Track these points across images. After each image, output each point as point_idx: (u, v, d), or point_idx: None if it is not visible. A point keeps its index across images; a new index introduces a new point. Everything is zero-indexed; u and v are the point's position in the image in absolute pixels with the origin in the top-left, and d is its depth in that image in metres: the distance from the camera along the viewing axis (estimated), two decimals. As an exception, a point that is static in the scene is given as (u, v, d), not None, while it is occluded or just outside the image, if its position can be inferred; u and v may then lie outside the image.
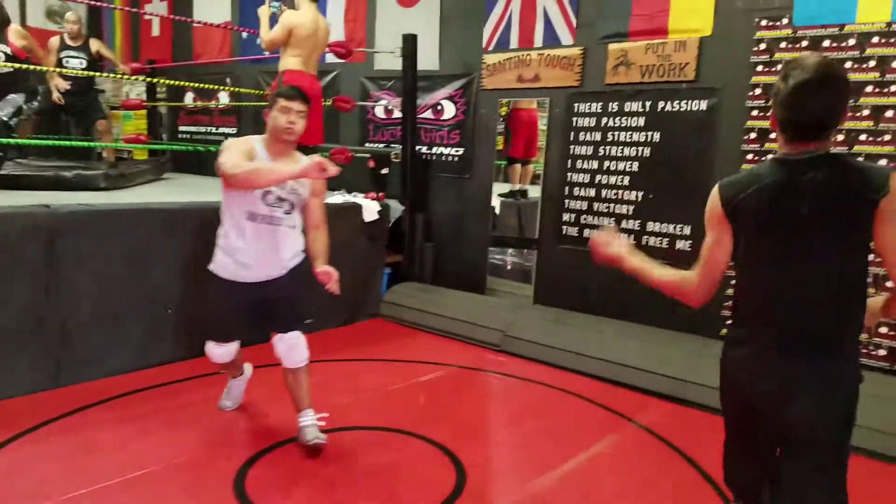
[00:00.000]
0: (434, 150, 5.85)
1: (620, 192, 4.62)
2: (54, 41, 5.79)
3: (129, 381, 3.63)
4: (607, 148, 4.67)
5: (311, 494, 2.61)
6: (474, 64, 5.47)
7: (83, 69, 5.62)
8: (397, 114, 5.96)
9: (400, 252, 5.67)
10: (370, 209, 5.23)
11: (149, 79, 7.26)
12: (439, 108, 5.81)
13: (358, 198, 5.33)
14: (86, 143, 5.72)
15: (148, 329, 3.87)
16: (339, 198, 5.28)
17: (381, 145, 6.18)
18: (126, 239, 3.75)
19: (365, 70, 6.28)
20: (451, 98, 5.71)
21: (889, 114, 3.48)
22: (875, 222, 1.50)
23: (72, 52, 5.71)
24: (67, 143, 5.42)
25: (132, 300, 3.79)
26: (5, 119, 4.64)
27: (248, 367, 3.39)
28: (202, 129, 7.98)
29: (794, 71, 1.54)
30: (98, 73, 5.63)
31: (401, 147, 5.72)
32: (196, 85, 6.62)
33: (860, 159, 2.89)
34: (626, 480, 2.83)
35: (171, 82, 6.59)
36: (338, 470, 2.82)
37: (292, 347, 2.94)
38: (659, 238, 4.43)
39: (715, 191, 1.71)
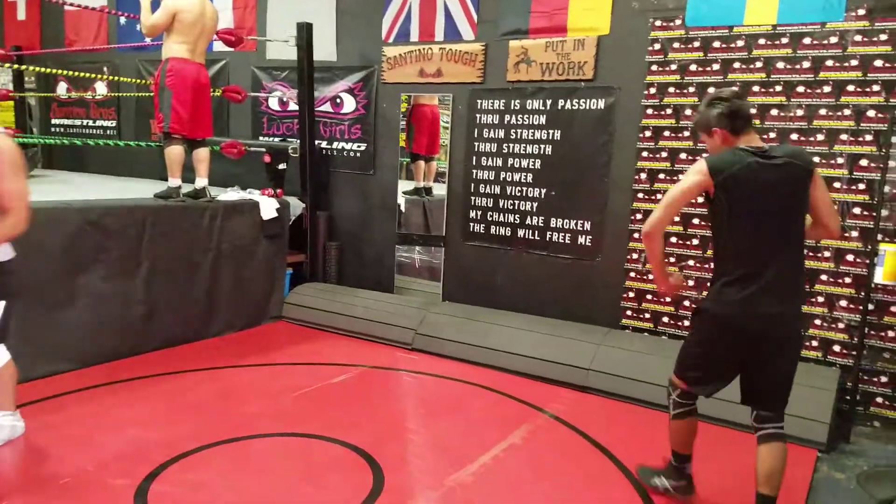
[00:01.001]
0: (335, 144, 5.68)
1: (524, 188, 4.69)
2: None
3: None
4: (511, 145, 4.73)
5: (218, 510, 2.43)
6: (374, 56, 5.36)
7: None
8: (293, 106, 5.73)
9: (302, 251, 5.46)
10: (268, 206, 4.98)
11: (15, 66, 6.53)
12: (338, 101, 5.64)
13: (254, 194, 5.06)
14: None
15: (23, 340, 3.45)
16: (233, 194, 4.98)
17: (277, 139, 5.92)
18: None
19: (256, 60, 5.99)
20: (350, 91, 5.56)
21: (773, 112, 3.75)
22: (811, 187, 2.23)
23: None
24: None
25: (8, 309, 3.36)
26: None
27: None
28: (78, 121, 7.29)
29: (723, 96, 2.34)
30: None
31: (298, 141, 5.51)
32: (70, 73, 6.02)
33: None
34: (539, 469, 2.87)
35: (42, 69, 5.96)
36: (250, 479, 2.65)
37: None
38: (562, 234, 4.54)
39: (703, 163, 2.27)
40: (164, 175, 4.60)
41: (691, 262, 4.04)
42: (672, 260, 4.06)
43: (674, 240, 4.06)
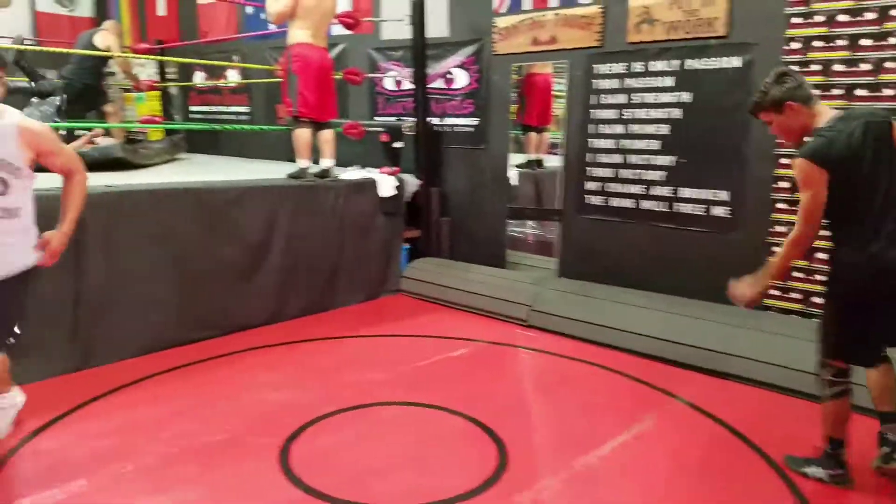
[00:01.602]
0: (446, 120, 5.69)
1: (649, 157, 4.45)
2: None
3: (159, 360, 3.60)
4: (633, 111, 4.50)
5: (355, 470, 2.55)
6: (485, 28, 5.27)
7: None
8: (407, 85, 5.80)
9: (417, 227, 5.56)
10: (386, 184, 5.11)
11: (158, 58, 7.12)
12: (450, 76, 5.63)
13: (373, 173, 5.20)
14: (104, 125, 5.67)
15: (173, 309, 3.81)
16: (353, 173, 5.16)
17: (392, 118, 6.03)
18: (152, 219, 3.71)
19: (372, 41, 6.09)
20: (462, 66, 5.52)
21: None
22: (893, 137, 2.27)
23: None
24: (98, 124, 5.38)
25: (157, 280, 3.74)
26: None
27: (18, 393, 2.77)
28: (213, 108, 7.83)
29: (785, 71, 2.41)
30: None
31: (413, 119, 5.57)
32: (205, 62, 6.47)
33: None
34: (676, 457, 2.71)
35: (181, 60, 6.42)
36: (379, 445, 2.76)
37: None
38: (694, 205, 4.26)
39: (806, 163, 2.25)
40: (291, 156, 4.84)
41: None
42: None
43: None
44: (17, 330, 2.44)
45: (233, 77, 7.43)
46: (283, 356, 3.81)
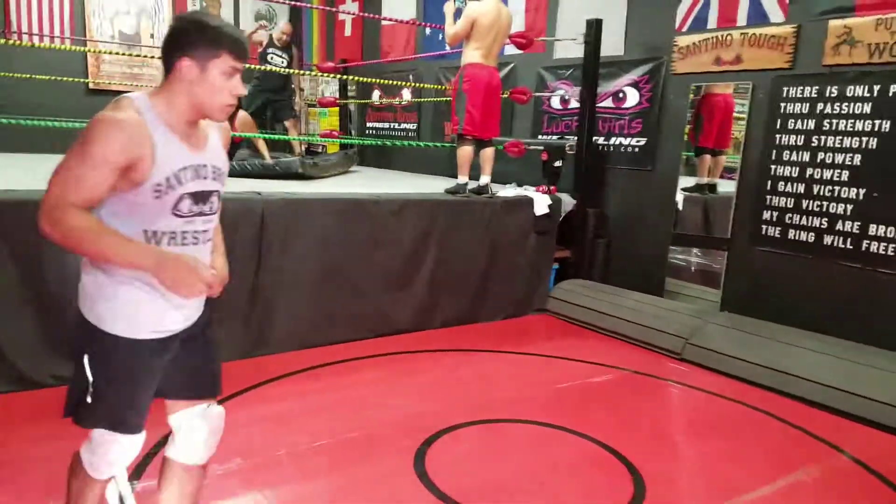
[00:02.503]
0: (612, 140, 5.55)
1: (837, 188, 4.00)
2: (261, 35, 6.48)
3: (313, 356, 3.88)
4: (823, 138, 4.07)
5: (485, 481, 2.57)
6: (664, 47, 5.08)
7: (284, 67, 6.21)
8: (574, 104, 5.75)
9: (568, 247, 5.48)
10: (541, 203, 5.10)
11: (341, 76, 7.77)
12: (620, 95, 5.50)
13: (529, 191, 5.23)
14: (284, 137, 6.31)
15: (331, 309, 4.12)
16: (510, 191, 5.23)
17: (556, 137, 6.01)
18: (321, 225, 4.04)
19: (543, 60, 6.14)
20: (634, 84, 5.37)
21: None
22: None
23: (277, 51, 6.34)
24: (274, 136, 6.03)
25: (321, 281, 4.07)
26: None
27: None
28: (386, 125, 8.38)
29: None
30: (296, 71, 6.15)
31: (575, 138, 5.52)
32: (381, 81, 6.95)
33: None
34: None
35: (361, 79, 6.94)
36: (510, 462, 2.76)
37: (216, 429, 1.78)
38: (884, 243, 3.76)
39: None
40: (453, 172, 5.04)
41: None
42: None
43: None
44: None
45: (407, 95, 7.88)
46: (425, 364, 3.94)
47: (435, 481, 2.52)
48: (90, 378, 1.56)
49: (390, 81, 6.76)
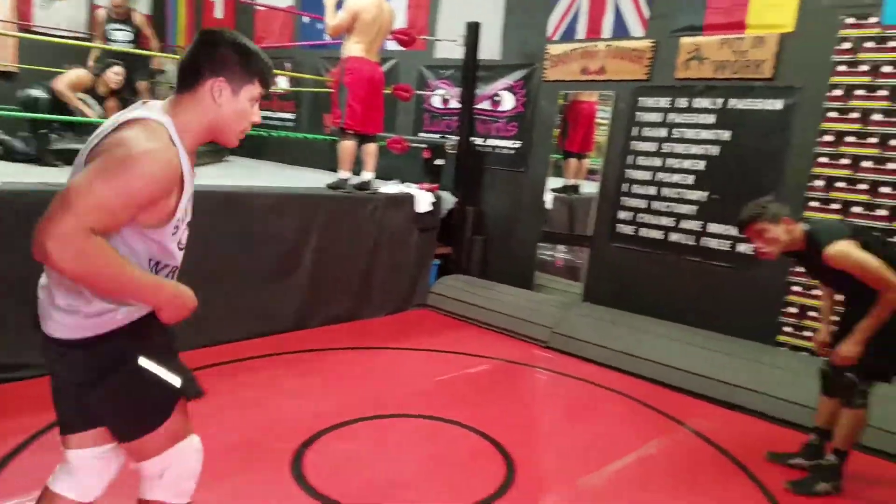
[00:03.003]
0: (489, 141, 5.79)
1: (683, 191, 4.47)
2: (101, 13, 5.97)
3: (191, 358, 3.61)
4: (672, 145, 4.53)
5: (366, 480, 2.61)
6: (537, 54, 5.37)
7: (129, 42, 5.76)
8: (454, 104, 5.92)
9: (449, 244, 5.65)
10: (423, 200, 5.21)
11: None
12: (497, 98, 5.74)
13: (411, 188, 5.32)
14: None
15: (204, 308, 3.92)
16: (392, 187, 5.28)
17: (437, 135, 6.16)
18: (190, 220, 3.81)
19: (424, 58, 6.25)
20: (510, 89, 5.63)
21: None
22: None
23: (116, 25, 5.86)
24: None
25: (194, 281, 3.85)
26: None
27: None
28: (262, 113, 8.06)
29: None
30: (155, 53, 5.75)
31: (456, 138, 5.69)
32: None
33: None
34: (675, 483, 2.76)
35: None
36: (391, 456, 2.83)
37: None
38: (721, 240, 4.28)
39: (852, 244, 2.52)
40: (333, 165, 4.99)
41: None
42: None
43: None
44: None
45: (283, 84, 7.67)
46: (307, 363, 3.90)
47: (313, 483, 2.51)
48: (131, 389, 1.50)
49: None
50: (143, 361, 1.50)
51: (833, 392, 2.79)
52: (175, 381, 1.57)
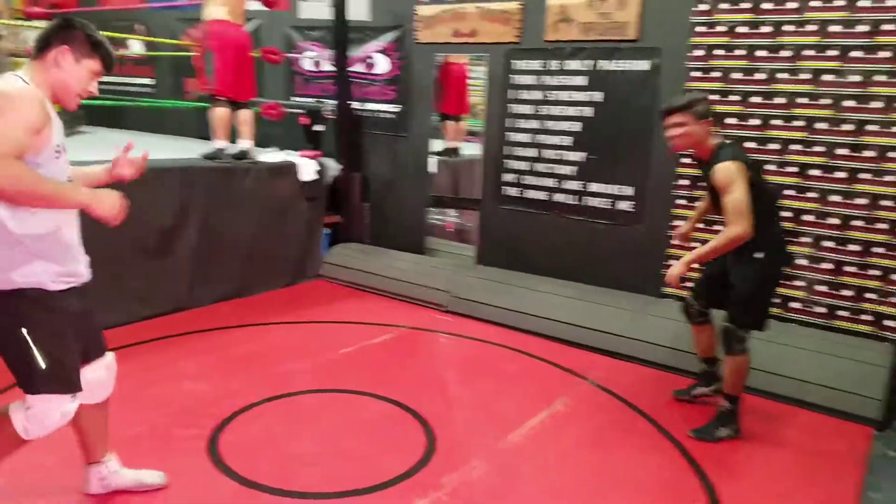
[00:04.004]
0: (367, 105, 5.67)
1: (562, 152, 4.68)
2: None
3: None
4: (548, 108, 4.70)
5: (285, 459, 2.58)
6: (407, 15, 5.29)
7: None
8: (326, 66, 5.72)
9: (338, 212, 5.54)
10: (307, 168, 5.05)
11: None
12: (370, 61, 5.61)
13: (293, 156, 5.12)
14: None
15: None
16: (272, 156, 5.05)
17: (311, 99, 5.92)
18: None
19: (290, 20, 5.94)
20: (383, 51, 5.52)
21: (827, 77, 3.67)
22: None
23: None
24: None
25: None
26: None
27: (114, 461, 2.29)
28: (115, 79, 7.32)
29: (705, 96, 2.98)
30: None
31: (333, 102, 5.51)
32: (107, 34, 6.01)
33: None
34: (587, 436, 2.94)
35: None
36: (308, 433, 2.79)
37: (112, 371, 2.17)
38: (601, 199, 4.54)
39: (736, 164, 2.67)
40: (201, 133, 4.66)
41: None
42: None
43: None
44: None
45: (136, 47, 6.97)
46: (200, 345, 3.72)
47: (232, 466, 2.46)
48: (33, 347, 1.82)
49: (116, 33, 5.88)
50: (25, 333, 1.81)
51: (697, 322, 3.11)
52: (40, 365, 1.84)
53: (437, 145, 6.41)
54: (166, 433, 2.70)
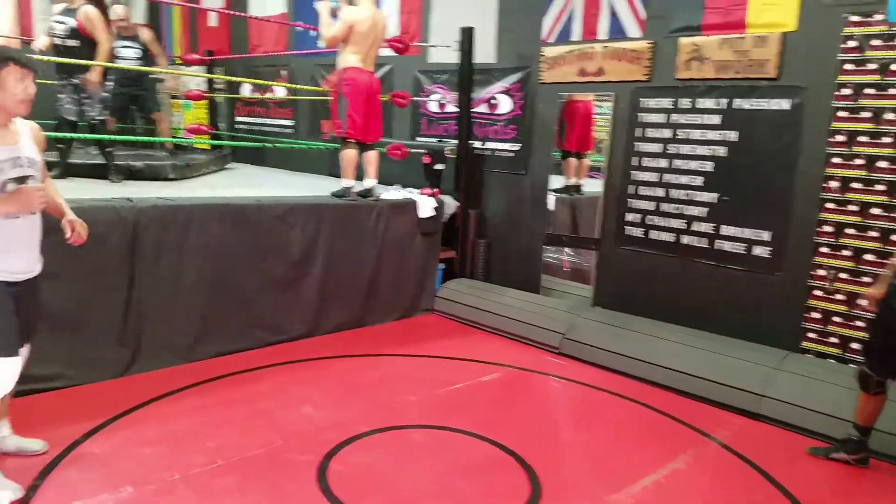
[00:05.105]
0: (488, 144, 5.76)
1: (692, 192, 4.45)
2: (121, 11, 5.92)
3: (199, 370, 3.68)
4: (677, 146, 4.51)
5: (392, 493, 2.60)
6: (532, 56, 5.34)
7: (137, 58, 5.73)
8: (450, 108, 5.89)
9: (452, 248, 5.62)
10: (425, 205, 5.19)
11: (207, 69, 7.33)
12: (494, 101, 5.71)
13: (413, 194, 5.29)
14: (153, 139, 5.83)
15: (214, 320, 3.91)
16: (394, 193, 5.25)
17: (434, 139, 6.13)
18: (201, 232, 3.81)
19: (419, 63, 6.21)
20: (506, 92, 5.60)
21: None
22: None
23: (124, 42, 5.80)
24: (133, 139, 5.53)
25: (201, 291, 3.85)
26: (99, 118, 4.87)
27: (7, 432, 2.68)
28: (258, 120, 8.03)
29: None
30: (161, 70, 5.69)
31: (455, 142, 5.66)
32: (253, 81, 6.67)
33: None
34: (707, 501, 2.70)
35: (228, 78, 6.60)
36: (413, 469, 2.80)
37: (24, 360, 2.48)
38: (734, 242, 4.24)
39: None
40: (333, 171, 4.96)
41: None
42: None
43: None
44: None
45: (279, 91, 7.61)
46: (320, 372, 3.89)
47: (340, 496, 2.50)
48: None
49: (261, 81, 6.49)
50: None
51: (873, 392, 2.88)
52: None
53: (556, 182, 6.37)
54: (281, 455, 2.81)
